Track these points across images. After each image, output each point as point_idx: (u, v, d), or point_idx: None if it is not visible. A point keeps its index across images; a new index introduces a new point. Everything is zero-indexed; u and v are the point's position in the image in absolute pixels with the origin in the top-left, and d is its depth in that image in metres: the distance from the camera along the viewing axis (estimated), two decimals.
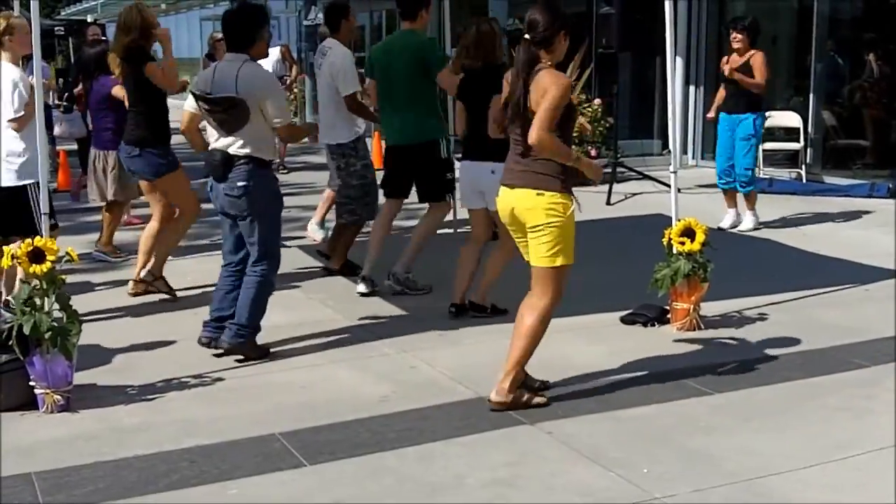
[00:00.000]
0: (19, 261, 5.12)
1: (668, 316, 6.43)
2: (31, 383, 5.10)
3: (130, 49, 7.05)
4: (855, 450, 4.51)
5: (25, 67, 7.14)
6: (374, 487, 4.25)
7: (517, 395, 5.06)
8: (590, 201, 10.12)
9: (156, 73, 7.08)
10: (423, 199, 7.58)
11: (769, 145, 12.50)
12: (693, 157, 14.21)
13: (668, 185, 7.13)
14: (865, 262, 7.96)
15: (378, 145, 13.60)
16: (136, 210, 10.02)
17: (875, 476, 4.24)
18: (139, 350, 6.18)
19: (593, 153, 12.27)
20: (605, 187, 11.34)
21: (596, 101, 12.20)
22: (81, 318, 5.27)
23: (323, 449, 4.62)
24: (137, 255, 7.50)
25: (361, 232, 8.16)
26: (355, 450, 4.61)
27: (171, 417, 5.07)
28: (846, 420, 4.89)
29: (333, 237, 8.16)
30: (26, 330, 4.98)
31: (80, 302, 5.53)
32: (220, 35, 12.46)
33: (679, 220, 6.43)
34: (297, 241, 9.08)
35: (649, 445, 4.60)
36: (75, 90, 10.55)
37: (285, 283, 6.14)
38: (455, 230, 9.32)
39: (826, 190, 11.71)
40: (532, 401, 5.09)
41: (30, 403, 5.12)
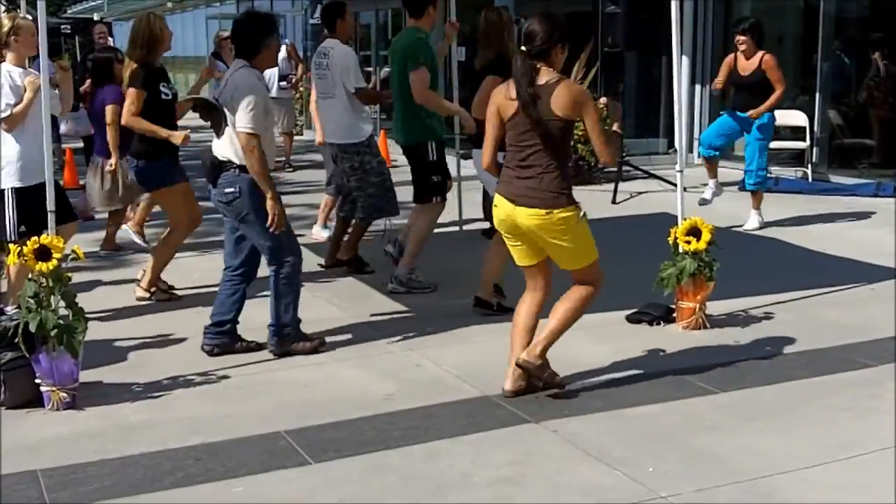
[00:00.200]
0: (26, 258, 5.13)
1: (674, 315, 6.42)
2: (37, 381, 5.12)
3: (139, 70, 6.98)
4: (859, 449, 4.51)
5: (31, 66, 7.14)
6: (379, 485, 4.26)
7: (545, 363, 5.14)
8: (595, 200, 10.16)
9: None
10: (413, 199, 7.62)
11: (775, 144, 12.41)
12: (698, 157, 14.15)
13: (674, 184, 7.13)
14: (871, 262, 7.95)
15: (384, 143, 13.62)
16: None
17: (879, 476, 4.24)
18: (145, 348, 6.19)
19: None
20: (611, 186, 11.35)
21: (602, 101, 12.18)
22: (87, 316, 5.28)
23: (328, 447, 4.63)
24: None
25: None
26: (360, 448, 4.61)
27: (177, 415, 5.08)
28: (850, 419, 4.89)
29: (352, 233, 8.11)
30: (32, 327, 4.99)
31: (85, 299, 5.54)
32: (226, 34, 12.56)
33: (685, 219, 6.43)
34: (300, 238, 9.05)
35: (654, 444, 4.60)
36: (81, 88, 10.54)
37: None
38: (460, 228, 9.34)
39: (832, 189, 11.70)
40: (554, 379, 5.17)
41: (35, 401, 5.14)
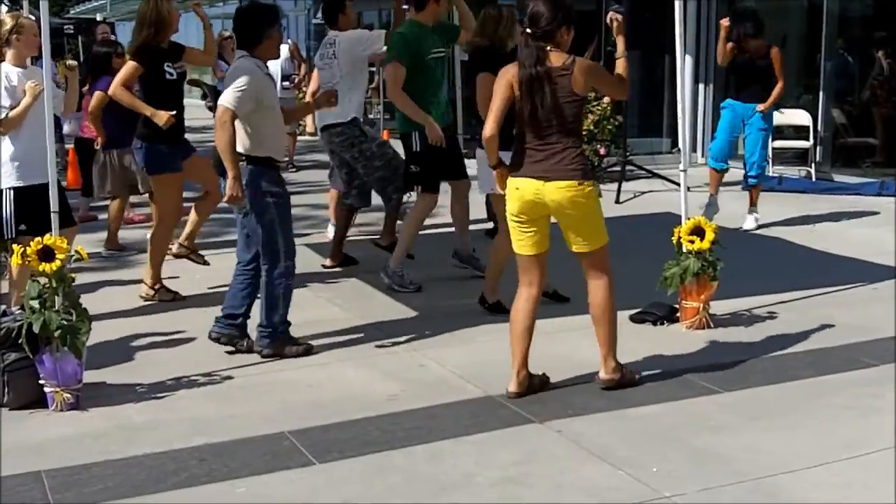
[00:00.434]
0: (29, 259, 5.13)
1: (678, 315, 6.42)
2: (41, 382, 5.12)
3: (141, 46, 7.03)
4: (862, 449, 4.50)
5: (35, 66, 7.14)
6: (383, 486, 4.26)
7: (624, 371, 5.27)
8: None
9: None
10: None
11: (779, 143, 12.47)
12: (702, 156, 14.16)
13: (678, 184, 7.12)
14: (874, 261, 7.94)
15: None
16: (141, 209, 10.06)
17: (883, 475, 4.23)
18: (149, 348, 6.19)
19: (602, 151, 12.26)
20: (615, 186, 11.34)
21: (605, 99, 12.17)
22: (91, 317, 5.29)
23: (332, 447, 4.63)
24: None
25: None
26: (364, 448, 4.61)
27: (181, 415, 5.08)
28: (854, 419, 4.88)
29: (386, 219, 8.08)
30: (36, 328, 4.99)
31: (89, 300, 5.55)
32: (227, 33, 12.55)
33: (688, 219, 6.43)
34: (304, 238, 9.09)
35: (658, 444, 4.60)
36: (83, 88, 10.55)
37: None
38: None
39: (835, 188, 11.69)
40: (635, 377, 5.33)
41: (39, 402, 5.14)
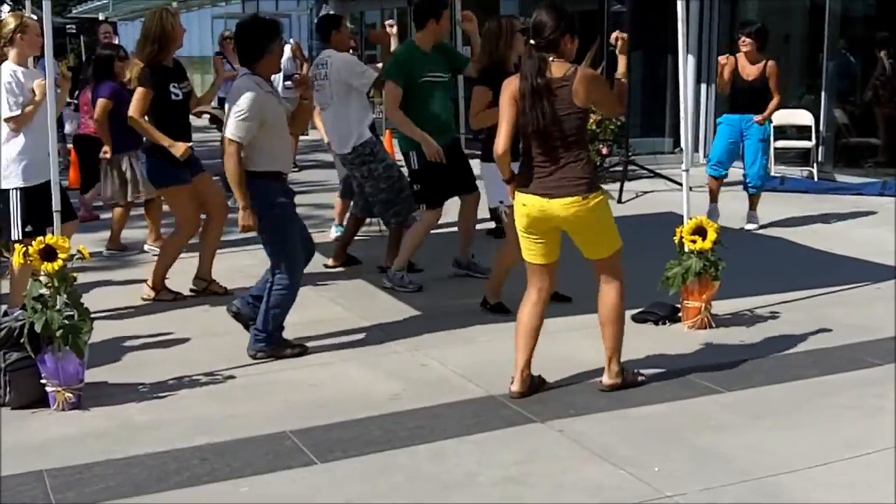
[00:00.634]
0: (31, 259, 5.14)
1: (680, 314, 6.42)
2: (43, 381, 5.12)
3: (148, 67, 7.01)
4: (865, 448, 4.50)
5: (36, 66, 7.15)
6: (385, 485, 4.25)
7: (626, 374, 5.26)
8: None
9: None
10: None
11: (781, 143, 12.47)
12: (704, 156, 14.15)
13: (680, 184, 7.12)
14: (876, 261, 7.94)
15: (389, 141, 13.58)
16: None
17: (885, 474, 4.23)
18: (151, 348, 6.20)
19: (605, 151, 12.26)
20: (617, 185, 11.35)
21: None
22: (93, 316, 5.29)
23: (334, 447, 4.63)
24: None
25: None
26: (366, 447, 4.61)
27: (183, 415, 5.08)
28: (857, 418, 4.88)
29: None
30: (38, 328, 4.99)
31: (91, 300, 5.55)
32: (229, 33, 12.57)
33: (690, 219, 6.43)
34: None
35: (660, 444, 4.60)
36: (86, 87, 10.55)
37: None
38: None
39: (838, 188, 11.68)
40: (638, 378, 5.32)
41: (41, 401, 5.15)
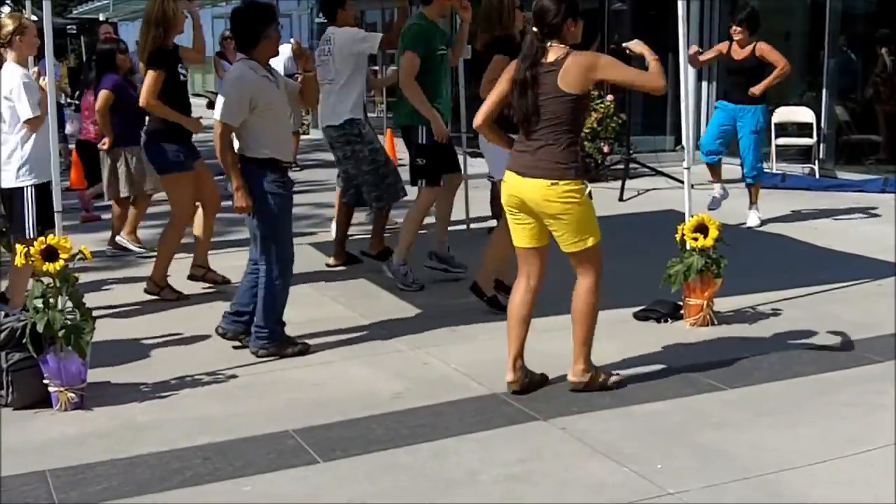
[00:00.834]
0: (33, 259, 5.14)
1: (682, 312, 6.42)
2: (45, 381, 5.12)
3: (156, 51, 7.04)
4: (866, 445, 4.50)
5: (37, 65, 7.15)
6: (388, 484, 4.26)
7: (594, 374, 5.17)
8: (602, 197, 10.12)
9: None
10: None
11: (782, 140, 12.48)
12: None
13: (681, 181, 7.12)
14: (878, 258, 7.94)
15: (391, 141, 13.60)
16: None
17: (886, 471, 4.23)
18: (153, 347, 6.20)
19: (606, 149, 12.27)
20: (618, 183, 11.35)
21: (608, 98, 12.18)
22: (95, 316, 5.30)
23: (336, 446, 4.63)
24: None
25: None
26: (369, 446, 4.62)
27: (185, 415, 5.08)
28: (858, 415, 4.88)
29: (373, 229, 8.15)
30: (40, 328, 5.00)
31: (93, 299, 5.56)
32: (229, 33, 12.56)
33: (692, 216, 6.43)
34: (307, 237, 9.10)
35: (662, 441, 4.60)
36: (87, 88, 10.57)
37: (296, 281, 6.15)
38: (468, 226, 9.32)
39: (839, 185, 11.68)
40: (609, 381, 5.20)
41: (43, 401, 5.15)
